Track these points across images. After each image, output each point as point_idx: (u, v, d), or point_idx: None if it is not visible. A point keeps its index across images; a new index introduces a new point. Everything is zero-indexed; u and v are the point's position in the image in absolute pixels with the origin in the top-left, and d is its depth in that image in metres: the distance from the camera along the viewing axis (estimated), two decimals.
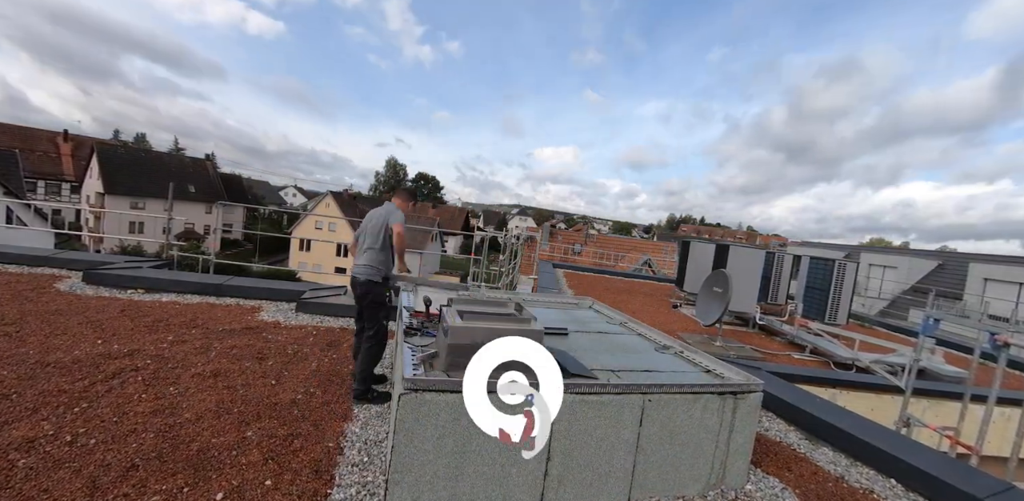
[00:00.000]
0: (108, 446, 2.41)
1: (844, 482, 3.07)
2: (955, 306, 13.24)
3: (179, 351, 3.74)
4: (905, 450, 3.26)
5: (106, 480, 2.15)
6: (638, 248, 28.86)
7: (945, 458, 3.40)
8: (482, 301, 3.53)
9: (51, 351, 3.44)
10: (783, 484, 2.92)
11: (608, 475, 2.45)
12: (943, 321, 5.11)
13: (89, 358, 3.38)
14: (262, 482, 2.28)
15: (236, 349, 3.95)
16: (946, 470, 3.01)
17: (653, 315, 8.45)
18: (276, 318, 4.99)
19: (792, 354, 6.89)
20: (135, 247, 16.63)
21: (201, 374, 3.38)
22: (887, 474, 3.20)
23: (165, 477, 2.23)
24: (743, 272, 7.86)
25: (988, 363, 5.56)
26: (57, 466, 2.21)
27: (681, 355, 3.40)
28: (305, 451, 2.59)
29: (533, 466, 2.30)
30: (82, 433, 2.49)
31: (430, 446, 2.12)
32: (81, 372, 3.17)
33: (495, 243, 12.68)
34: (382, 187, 71.69)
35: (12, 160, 20.54)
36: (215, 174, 46.32)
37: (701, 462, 2.64)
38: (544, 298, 5.05)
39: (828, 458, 3.41)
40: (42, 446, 2.34)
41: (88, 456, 2.31)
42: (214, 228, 7.96)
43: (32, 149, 39.36)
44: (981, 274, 14.02)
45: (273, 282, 6.40)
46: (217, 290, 5.54)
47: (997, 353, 4.24)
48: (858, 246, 23.10)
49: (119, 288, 5.34)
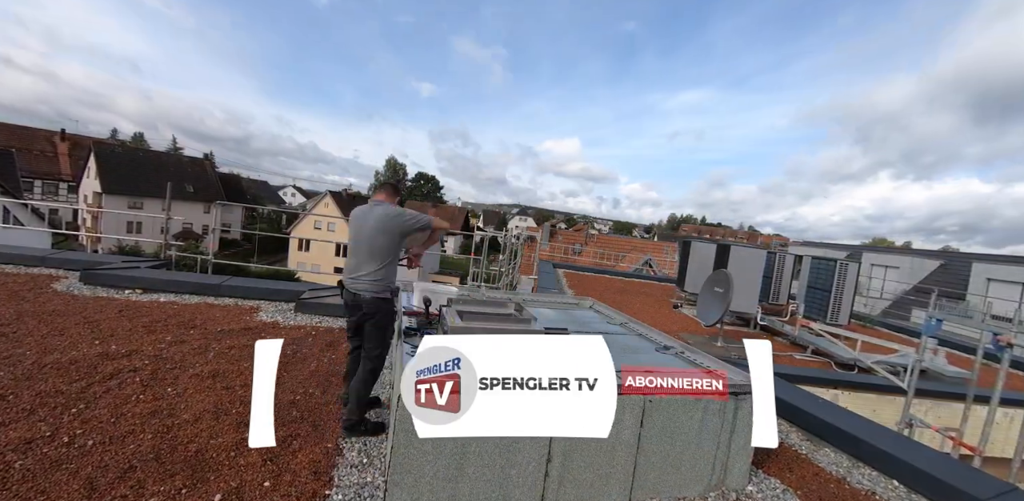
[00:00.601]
0: (106, 447, 2.39)
1: (846, 483, 3.06)
2: (958, 306, 13.20)
3: (177, 352, 3.72)
4: (907, 451, 3.24)
5: (104, 481, 2.14)
6: (639, 248, 28.83)
7: (948, 459, 3.39)
8: (482, 301, 3.52)
9: (48, 352, 3.42)
10: (784, 485, 2.90)
11: (609, 476, 2.44)
12: (945, 321, 5.10)
13: (86, 359, 3.36)
14: (261, 483, 2.27)
15: (235, 350, 3.93)
16: (949, 471, 2.99)
17: (654, 315, 8.43)
18: (275, 318, 4.98)
19: (794, 355, 6.88)
20: (133, 247, 16.58)
21: (199, 375, 3.36)
22: (889, 475, 3.19)
23: (163, 478, 2.21)
24: (744, 272, 7.85)
25: (991, 364, 5.55)
26: (54, 467, 2.20)
27: (682, 356, 3.38)
28: (304, 452, 2.57)
29: (533, 467, 2.28)
30: (79, 434, 2.47)
31: (429, 447, 2.11)
32: (78, 373, 3.15)
33: (495, 243, 12.66)
34: None
35: (9, 159, 20.50)
36: (213, 174, 46.17)
37: (702, 463, 2.62)
38: (544, 298, 5.03)
39: (830, 459, 3.40)
40: (39, 447, 2.33)
41: (86, 457, 2.30)
42: (212, 228, 7.93)
43: (29, 148, 39.17)
44: (984, 274, 13.96)
45: (272, 282, 6.38)
46: (215, 290, 5.52)
47: (1000, 354, 4.23)
48: (860, 246, 23.09)
49: (117, 288, 5.32)
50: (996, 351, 4.28)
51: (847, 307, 8.11)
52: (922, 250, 20.90)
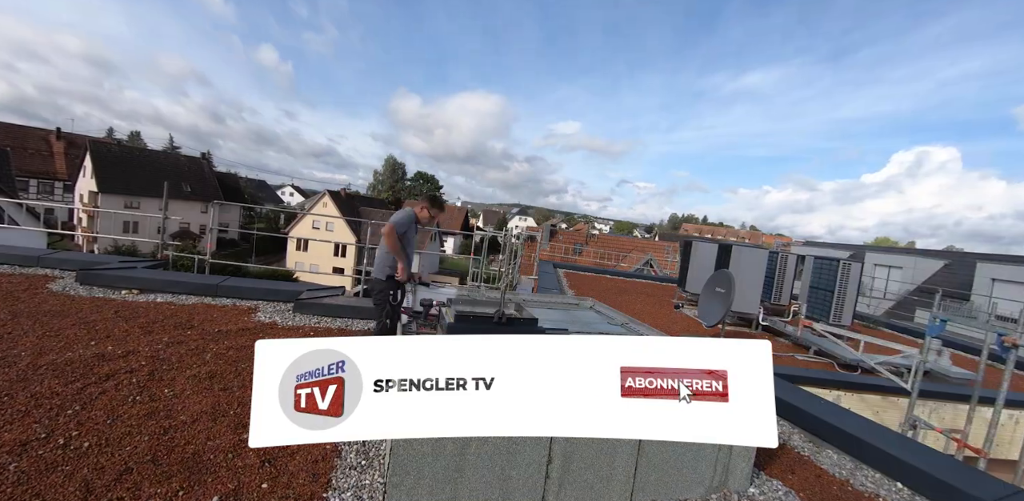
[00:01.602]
0: (102, 449, 2.37)
1: (849, 485, 3.04)
2: (962, 307, 13.14)
3: (174, 353, 3.69)
4: (911, 453, 3.22)
5: (100, 484, 2.12)
6: (640, 248, 28.80)
7: (952, 461, 3.36)
8: (482, 301, 3.50)
9: (44, 353, 3.39)
10: (787, 487, 2.88)
11: (609, 478, 2.41)
12: (950, 322, 5.07)
13: (82, 360, 3.33)
14: (258, 485, 2.24)
15: (232, 351, 3.90)
16: (953, 474, 2.96)
17: (655, 316, 8.40)
18: (273, 319, 4.95)
19: (796, 355, 6.85)
20: (129, 247, 16.43)
21: (197, 376, 3.33)
22: (893, 478, 3.16)
23: (160, 481, 2.19)
24: (746, 272, 7.83)
25: (996, 365, 5.53)
26: (50, 470, 2.17)
27: None
28: (302, 454, 2.54)
29: (533, 469, 2.26)
30: (75, 436, 2.45)
31: (429, 449, 2.09)
32: (74, 374, 3.12)
33: (495, 243, 12.63)
34: (380, 186, 71.35)
35: (3, 158, 20.28)
36: (211, 173, 46.00)
37: (703, 465, 2.60)
38: (545, 298, 5.02)
39: (833, 461, 3.37)
40: (34, 449, 2.30)
41: (81, 459, 2.27)
42: (210, 228, 7.89)
43: (24, 147, 38.88)
44: (989, 274, 13.84)
45: (270, 282, 6.36)
46: (213, 291, 5.49)
47: (1005, 354, 4.20)
48: (863, 246, 23.03)
49: (113, 289, 5.27)
50: (1001, 352, 4.25)
51: (850, 307, 8.08)
52: (926, 250, 20.81)
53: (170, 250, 7.40)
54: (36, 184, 38.92)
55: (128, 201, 35.47)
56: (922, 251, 20.08)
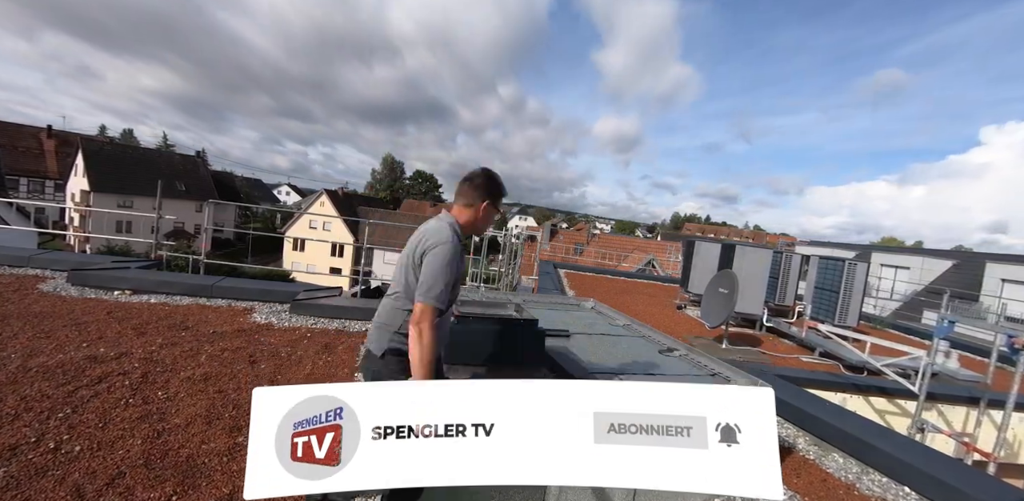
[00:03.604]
0: (94, 453, 2.33)
1: (856, 490, 3.00)
2: (971, 308, 13.05)
3: (168, 354, 3.64)
4: (919, 457, 3.18)
5: (91, 489, 2.08)
6: (641, 248, 28.74)
7: (961, 465, 3.31)
8: (481, 302, 3.44)
9: (34, 355, 3.33)
10: (792, 491, 2.85)
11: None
12: (958, 323, 5.02)
13: (74, 362, 3.27)
14: None
15: (227, 352, 3.85)
16: (962, 478, 2.92)
17: (657, 317, 8.36)
18: (269, 320, 4.89)
19: (801, 357, 6.80)
20: (122, 247, 16.29)
21: (191, 378, 3.28)
22: (900, 482, 3.12)
23: (153, 485, 2.15)
24: (750, 272, 7.78)
25: (1006, 367, 5.48)
26: (40, 474, 2.13)
27: (686, 358, 3.33)
28: None
29: None
30: (66, 440, 2.40)
31: None
32: (65, 376, 3.06)
33: (495, 243, 12.59)
34: (378, 186, 70.58)
35: None
36: (206, 171, 45.76)
37: None
38: (545, 299, 4.97)
39: (838, 465, 3.33)
40: (24, 453, 2.26)
41: (72, 464, 2.23)
42: (205, 227, 7.83)
43: (14, 145, 38.38)
44: (998, 274, 13.72)
45: (266, 283, 6.30)
46: (208, 291, 5.41)
47: (1015, 356, 4.15)
48: (869, 245, 22.97)
49: (105, 289, 5.19)
50: (1011, 354, 4.20)
51: (856, 308, 8.00)
52: (934, 250, 20.74)
53: (164, 250, 7.34)
54: (26, 183, 38.39)
55: (121, 200, 35.06)
56: (930, 251, 19.98)
